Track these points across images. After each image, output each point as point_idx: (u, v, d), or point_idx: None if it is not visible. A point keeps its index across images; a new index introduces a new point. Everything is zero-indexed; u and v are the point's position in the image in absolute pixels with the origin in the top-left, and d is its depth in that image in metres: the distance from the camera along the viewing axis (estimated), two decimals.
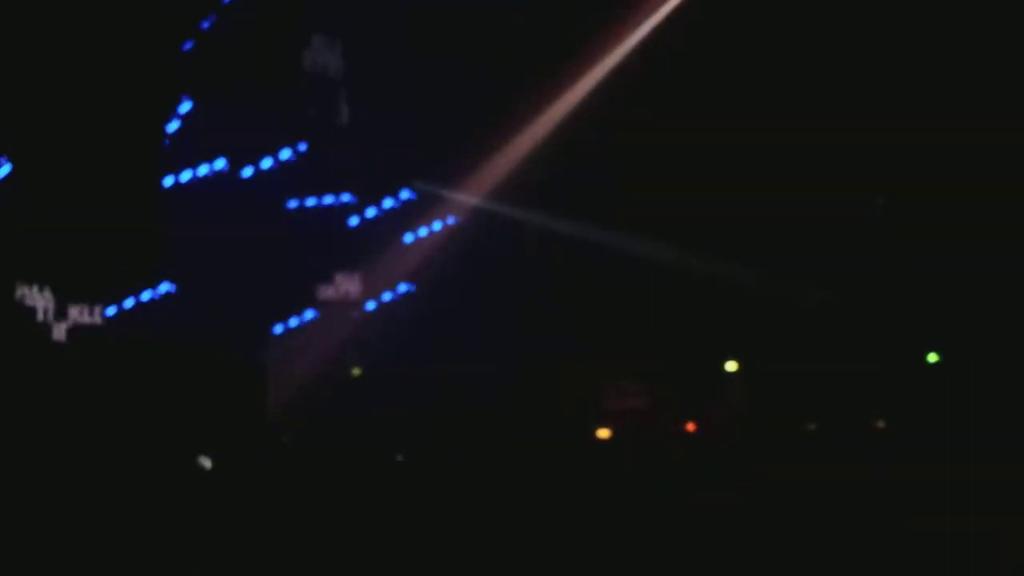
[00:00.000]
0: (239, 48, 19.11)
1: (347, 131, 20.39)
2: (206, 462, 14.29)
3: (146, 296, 18.29)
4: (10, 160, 17.03)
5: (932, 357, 20.30)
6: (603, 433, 19.17)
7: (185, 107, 18.72)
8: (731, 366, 20.50)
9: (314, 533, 11.47)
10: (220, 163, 19.04)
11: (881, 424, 18.17)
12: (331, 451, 15.14)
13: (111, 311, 17.82)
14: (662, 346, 19.80)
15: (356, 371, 20.23)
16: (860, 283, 19.51)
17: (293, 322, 19.89)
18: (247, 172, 19.37)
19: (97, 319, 17.60)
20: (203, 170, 18.79)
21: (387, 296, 20.71)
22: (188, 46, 18.66)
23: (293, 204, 20.02)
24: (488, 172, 20.86)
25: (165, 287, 18.34)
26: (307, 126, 20.08)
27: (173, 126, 18.64)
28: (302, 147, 19.76)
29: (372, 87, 20.30)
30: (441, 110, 20.13)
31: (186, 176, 18.81)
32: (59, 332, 17.30)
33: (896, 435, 17.62)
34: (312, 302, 20.05)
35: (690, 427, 19.37)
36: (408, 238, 20.94)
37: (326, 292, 20.21)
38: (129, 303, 18.04)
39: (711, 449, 17.42)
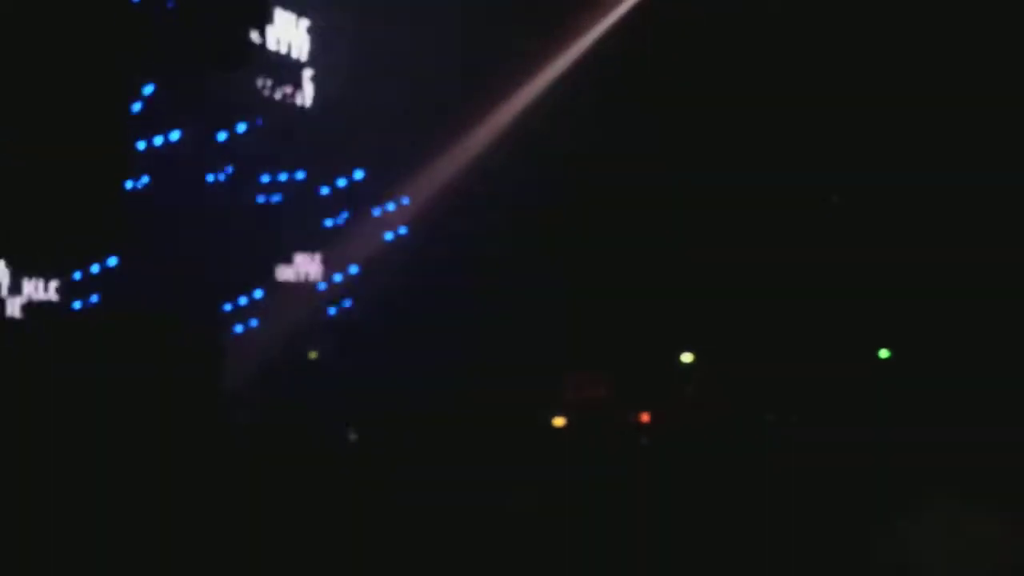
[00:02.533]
0: (201, 26, 18.89)
1: (309, 110, 20.26)
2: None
3: (101, 271, 18.06)
4: None
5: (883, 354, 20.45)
6: (558, 422, 19.13)
7: (147, 84, 18.48)
8: (687, 358, 20.56)
9: (270, 515, 11.38)
10: (175, 134, 18.72)
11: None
12: (286, 433, 15.03)
13: (66, 287, 17.61)
14: (621, 338, 19.83)
15: (312, 354, 20.14)
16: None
17: (248, 301, 19.71)
18: (204, 145, 19.13)
19: (52, 294, 17.40)
20: (158, 141, 18.51)
21: (345, 278, 20.60)
22: (154, 17, 18.39)
23: (251, 181, 19.82)
24: (448, 158, 20.81)
25: (119, 262, 18.09)
26: (269, 105, 19.90)
27: (135, 104, 18.39)
28: (259, 121, 19.52)
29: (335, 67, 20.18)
30: (403, 91, 20.04)
31: (142, 147, 18.53)
32: (13, 307, 17.12)
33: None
34: (271, 283, 19.89)
35: (645, 418, 19.34)
36: (365, 219, 20.86)
37: (285, 273, 20.07)
38: (84, 277, 17.81)
39: (665, 439, 17.41)
